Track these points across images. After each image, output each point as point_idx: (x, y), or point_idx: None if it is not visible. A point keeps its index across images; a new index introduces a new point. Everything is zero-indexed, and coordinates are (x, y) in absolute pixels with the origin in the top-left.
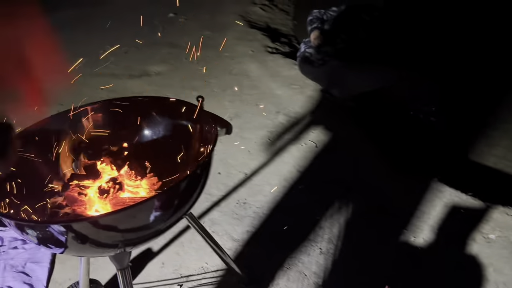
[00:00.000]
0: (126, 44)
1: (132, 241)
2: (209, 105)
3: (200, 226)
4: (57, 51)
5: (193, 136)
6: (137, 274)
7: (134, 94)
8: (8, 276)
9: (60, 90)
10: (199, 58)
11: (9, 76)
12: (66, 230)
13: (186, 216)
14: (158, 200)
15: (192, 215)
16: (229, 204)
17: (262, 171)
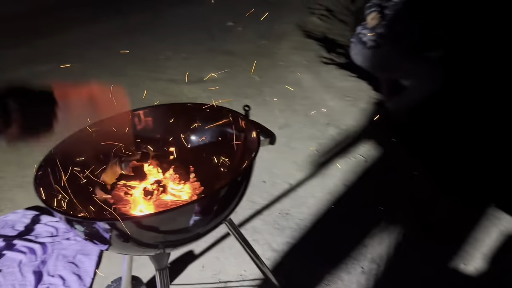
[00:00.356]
0: (186, 50)
1: (172, 242)
2: (259, 113)
3: (239, 233)
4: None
5: (237, 144)
6: (177, 275)
7: (188, 99)
8: (59, 265)
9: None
10: (254, 67)
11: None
12: (110, 227)
13: (226, 222)
14: (198, 205)
15: (231, 221)
16: (271, 213)
17: (307, 182)
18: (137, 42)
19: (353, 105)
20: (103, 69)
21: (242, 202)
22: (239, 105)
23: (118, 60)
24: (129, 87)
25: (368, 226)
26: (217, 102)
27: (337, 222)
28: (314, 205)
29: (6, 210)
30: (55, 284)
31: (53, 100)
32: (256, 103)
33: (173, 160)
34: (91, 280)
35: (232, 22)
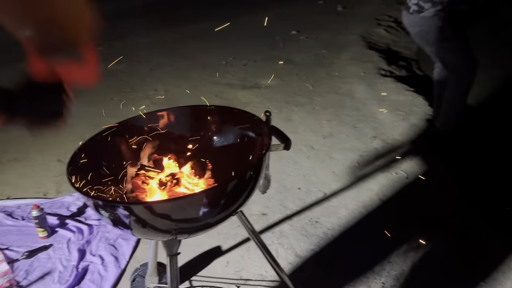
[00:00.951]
0: (247, 57)
1: (183, 230)
2: (307, 122)
3: (255, 234)
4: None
5: (254, 147)
6: (202, 268)
7: (241, 103)
8: (101, 246)
9: (179, 93)
10: (308, 76)
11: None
12: (128, 212)
13: (243, 223)
14: (206, 196)
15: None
16: (301, 220)
17: (342, 193)
18: (202, 48)
19: (404, 120)
20: (168, 71)
21: (274, 206)
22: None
23: (184, 64)
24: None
25: (399, 242)
26: (264, 108)
27: (365, 236)
28: (345, 216)
29: (64, 192)
30: (95, 263)
31: (61, 87)
32: (305, 111)
33: (191, 156)
34: (126, 263)
35: (296, 31)
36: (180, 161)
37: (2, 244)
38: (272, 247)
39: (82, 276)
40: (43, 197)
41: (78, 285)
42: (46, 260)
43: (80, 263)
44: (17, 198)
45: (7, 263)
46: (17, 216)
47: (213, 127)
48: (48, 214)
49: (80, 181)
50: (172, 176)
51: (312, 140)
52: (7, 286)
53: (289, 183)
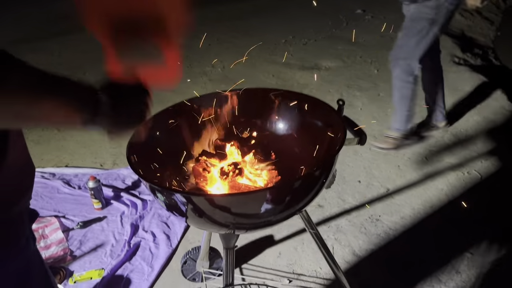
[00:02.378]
0: (308, 36)
1: (242, 225)
2: (370, 109)
3: (313, 227)
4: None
5: (323, 138)
6: (253, 256)
7: (298, 85)
8: (154, 222)
9: (236, 71)
10: (373, 59)
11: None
12: (186, 201)
13: (301, 215)
14: (270, 194)
15: (309, 217)
16: (360, 216)
17: (407, 191)
18: (263, 24)
19: (478, 114)
20: (226, 47)
21: (331, 198)
22: (349, 96)
23: (242, 41)
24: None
25: (470, 250)
26: (324, 92)
27: (429, 239)
28: (409, 216)
29: (120, 164)
30: (147, 239)
31: (143, 90)
32: (368, 97)
33: (254, 144)
34: (177, 242)
35: (361, 10)
36: (243, 149)
37: (59, 212)
38: (328, 242)
39: (133, 252)
40: (99, 167)
41: (129, 260)
42: (99, 231)
43: (133, 238)
44: (74, 167)
45: (62, 232)
46: (74, 184)
47: (279, 113)
48: (103, 185)
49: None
50: (235, 166)
51: (375, 129)
52: (61, 255)
53: (348, 175)
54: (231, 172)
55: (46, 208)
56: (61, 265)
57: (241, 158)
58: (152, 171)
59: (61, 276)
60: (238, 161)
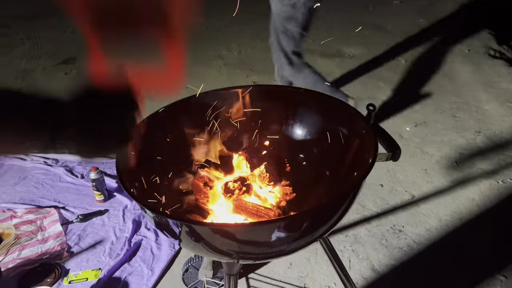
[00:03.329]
0: (332, 20)
1: (248, 255)
2: (396, 103)
3: (330, 247)
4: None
5: (348, 150)
6: (262, 265)
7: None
8: None
9: (252, 55)
10: (401, 47)
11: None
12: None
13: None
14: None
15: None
16: (381, 225)
17: (434, 199)
18: None
19: None
20: (243, 29)
21: None
22: (372, 88)
23: (260, 23)
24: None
25: (494, 271)
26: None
27: (457, 257)
28: (436, 228)
29: None
30: (148, 238)
31: (130, 100)
32: (394, 90)
33: (266, 156)
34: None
35: None
36: (253, 161)
37: (59, 202)
38: (344, 254)
39: (134, 251)
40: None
41: (129, 261)
42: (100, 226)
43: (134, 236)
44: None
45: (61, 224)
46: (77, 173)
47: (296, 116)
48: (107, 175)
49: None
50: (242, 182)
51: (401, 126)
52: (58, 250)
53: (369, 178)
54: (237, 190)
55: (47, 197)
56: (57, 261)
57: (249, 172)
58: (146, 180)
59: (55, 274)
60: (246, 175)
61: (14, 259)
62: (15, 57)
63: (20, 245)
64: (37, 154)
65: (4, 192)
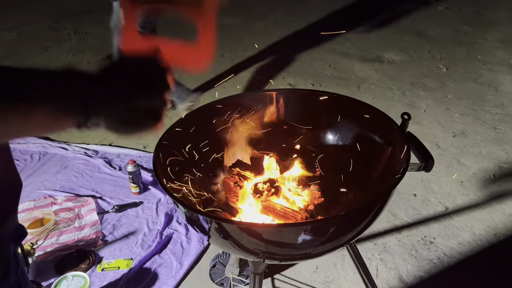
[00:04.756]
0: (370, 25)
1: (274, 255)
2: (434, 111)
3: (357, 254)
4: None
5: (380, 157)
6: (287, 267)
7: (356, 78)
8: None
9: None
10: (443, 55)
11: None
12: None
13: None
14: (311, 227)
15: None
16: (412, 235)
17: (468, 212)
18: (323, 8)
19: None
20: (282, 30)
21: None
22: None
23: (299, 25)
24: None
25: None
26: (384, 88)
27: (491, 273)
28: (469, 242)
29: None
30: (179, 232)
31: (163, 77)
32: (434, 98)
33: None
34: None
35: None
36: (283, 163)
37: (97, 192)
38: (372, 262)
39: (164, 244)
40: (142, 149)
41: (159, 253)
42: (134, 217)
43: (165, 229)
44: (118, 146)
45: (97, 214)
46: (115, 165)
47: (329, 121)
48: (143, 169)
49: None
50: (271, 184)
51: (439, 136)
52: (93, 238)
53: (402, 187)
54: (266, 191)
55: (85, 187)
56: (91, 249)
57: (279, 174)
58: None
59: (89, 261)
60: (276, 177)
61: (52, 243)
62: (62, 51)
63: (58, 231)
64: (77, 144)
65: (46, 179)
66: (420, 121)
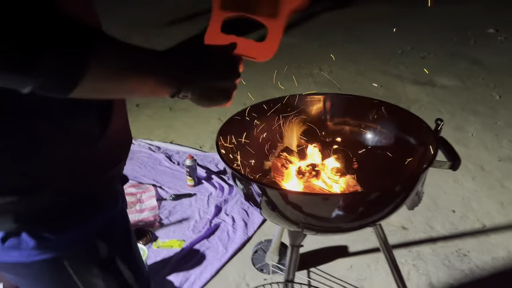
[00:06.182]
0: (427, 49)
1: (311, 226)
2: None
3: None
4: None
5: (414, 156)
6: (324, 262)
7: (407, 100)
8: (235, 208)
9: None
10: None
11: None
12: (261, 192)
13: (376, 231)
14: (342, 200)
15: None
16: (447, 247)
17: (505, 231)
18: (379, 32)
19: None
20: (336, 51)
21: (418, 223)
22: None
23: (354, 46)
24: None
25: None
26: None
27: None
28: (503, 259)
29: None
30: (226, 222)
31: (236, 67)
32: (483, 123)
33: (337, 150)
34: (253, 231)
35: (494, 29)
36: (325, 152)
37: (157, 182)
38: (404, 266)
39: (213, 231)
40: (198, 149)
41: (208, 238)
42: (187, 206)
43: (214, 218)
44: (178, 144)
45: (156, 200)
46: (174, 160)
47: (369, 123)
48: (198, 165)
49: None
50: (312, 167)
51: (484, 159)
52: (151, 220)
53: (442, 202)
54: (307, 173)
55: (147, 176)
56: (149, 229)
57: (321, 161)
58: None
59: (147, 238)
60: (317, 163)
61: None
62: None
63: None
64: (143, 140)
65: None
66: (467, 144)
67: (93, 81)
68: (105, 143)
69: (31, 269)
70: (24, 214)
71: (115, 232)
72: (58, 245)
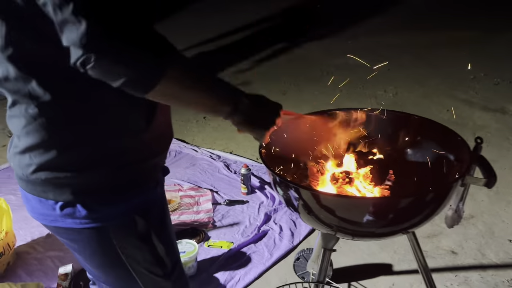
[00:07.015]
0: (503, 76)
1: (344, 229)
2: None
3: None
4: None
5: (450, 173)
6: (365, 278)
7: (474, 125)
8: (284, 218)
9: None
10: None
11: None
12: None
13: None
14: (372, 204)
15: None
16: (497, 276)
17: None
18: (452, 57)
19: None
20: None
21: (469, 248)
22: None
23: (424, 70)
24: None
25: None
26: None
27: None
28: None
29: None
30: (274, 230)
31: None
32: None
33: (372, 160)
34: (299, 241)
35: None
36: (360, 161)
37: (214, 187)
38: None
39: (260, 237)
40: (255, 160)
41: (255, 243)
42: (239, 212)
43: (263, 225)
44: (236, 155)
45: (212, 204)
46: (231, 169)
47: (409, 139)
48: (253, 175)
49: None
50: (346, 174)
51: None
52: (206, 221)
53: (498, 230)
54: (341, 179)
55: (206, 181)
56: (203, 229)
57: (355, 170)
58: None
59: (200, 237)
60: (351, 171)
61: (175, 220)
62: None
63: (180, 211)
64: (205, 149)
65: (177, 171)
66: None
67: (167, 87)
68: (148, 136)
69: (82, 234)
70: (81, 188)
71: (152, 211)
72: (104, 216)
